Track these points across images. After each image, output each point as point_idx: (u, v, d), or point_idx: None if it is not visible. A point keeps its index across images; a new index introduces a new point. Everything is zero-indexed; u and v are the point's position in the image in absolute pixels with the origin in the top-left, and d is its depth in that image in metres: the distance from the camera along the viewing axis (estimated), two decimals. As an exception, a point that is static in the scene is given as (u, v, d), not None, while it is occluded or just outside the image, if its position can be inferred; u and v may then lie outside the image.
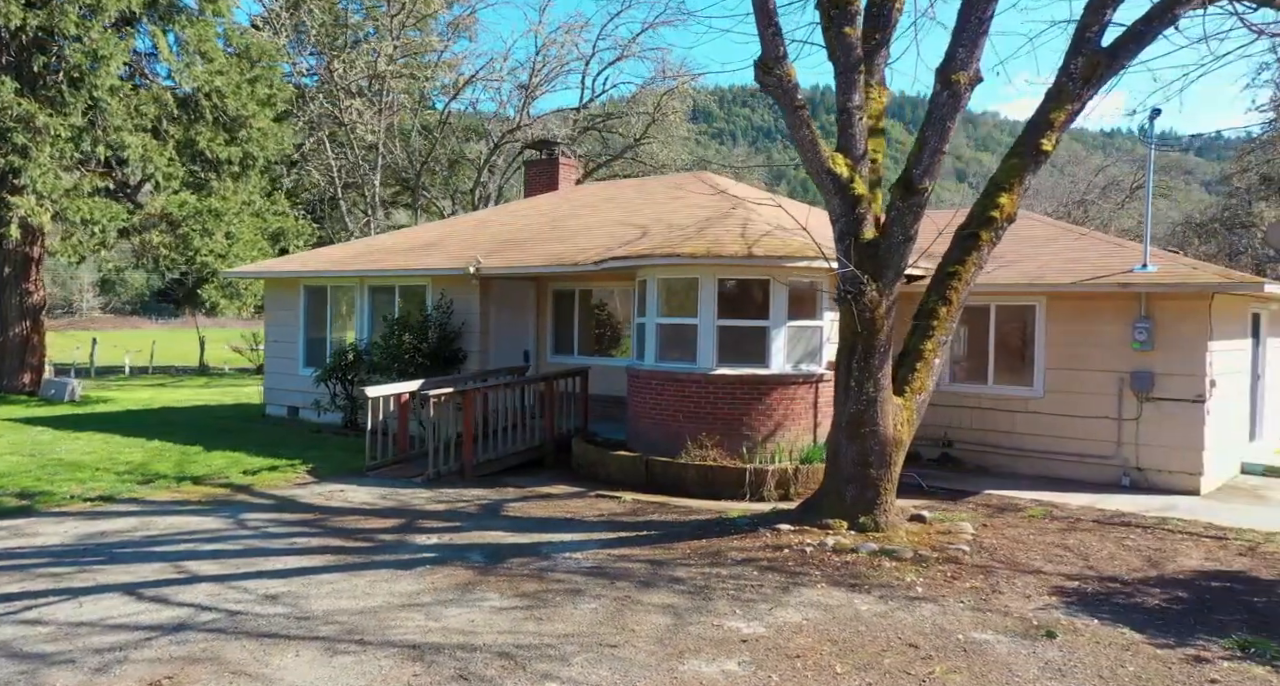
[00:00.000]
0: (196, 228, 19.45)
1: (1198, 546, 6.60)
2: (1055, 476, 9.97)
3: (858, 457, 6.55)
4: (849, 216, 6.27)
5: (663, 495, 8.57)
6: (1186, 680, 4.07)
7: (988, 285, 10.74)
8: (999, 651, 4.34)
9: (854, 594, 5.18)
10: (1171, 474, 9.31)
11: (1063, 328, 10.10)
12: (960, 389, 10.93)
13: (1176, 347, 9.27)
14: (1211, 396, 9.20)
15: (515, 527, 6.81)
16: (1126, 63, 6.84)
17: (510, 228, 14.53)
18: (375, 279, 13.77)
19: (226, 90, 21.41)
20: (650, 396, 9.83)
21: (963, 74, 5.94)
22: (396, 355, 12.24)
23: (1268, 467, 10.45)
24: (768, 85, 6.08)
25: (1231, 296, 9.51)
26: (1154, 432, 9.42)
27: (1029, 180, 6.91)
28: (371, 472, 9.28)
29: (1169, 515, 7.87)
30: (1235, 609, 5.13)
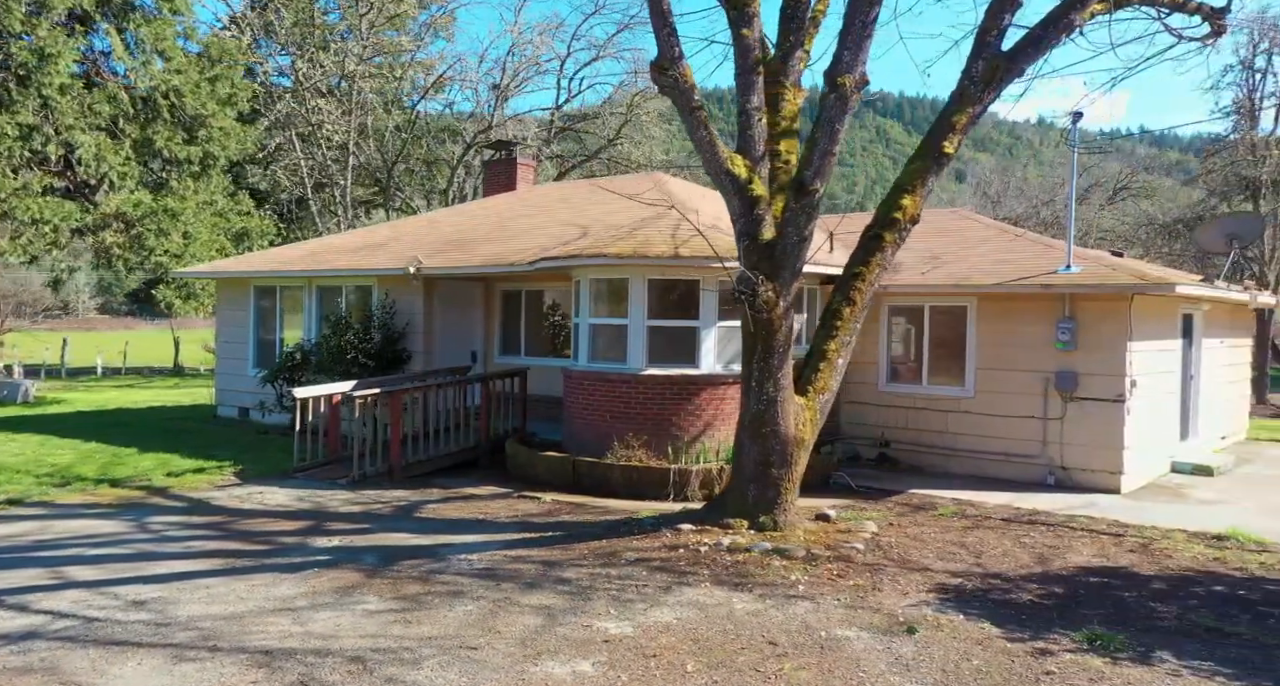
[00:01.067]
0: (152, 227, 19.29)
1: (1093, 543, 6.70)
2: (985, 475, 10.08)
3: (759, 457, 6.59)
4: (748, 217, 6.32)
5: (587, 496, 8.58)
6: (1025, 672, 4.14)
7: (921, 286, 10.85)
8: (855, 647, 4.39)
9: (735, 593, 5.22)
10: (1094, 472, 9.43)
11: (992, 328, 10.21)
12: (897, 389, 11.02)
13: (1098, 348, 9.39)
14: (1132, 396, 9.33)
15: (423, 529, 6.81)
16: (1026, 66, 6.93)
17: (460, 228, 14.51)
18: (322, 279, 13.71)
19: (185, 89, 21.26)
20: (582, 397, 9.84)
21: (848, 76, 6.00)
22: (339, 356, 12.20)
23: (1196, 466, 10.61)
24: (664, 85, 6.12)
25: (1155, 298, 9.65)
26: (1077, 432, 9.54)
27: (932, 182, 6.98)
28: (299, 474, 9.25)
29: (1079, 513, 7.98)
30: (1103, 603, 5.21)
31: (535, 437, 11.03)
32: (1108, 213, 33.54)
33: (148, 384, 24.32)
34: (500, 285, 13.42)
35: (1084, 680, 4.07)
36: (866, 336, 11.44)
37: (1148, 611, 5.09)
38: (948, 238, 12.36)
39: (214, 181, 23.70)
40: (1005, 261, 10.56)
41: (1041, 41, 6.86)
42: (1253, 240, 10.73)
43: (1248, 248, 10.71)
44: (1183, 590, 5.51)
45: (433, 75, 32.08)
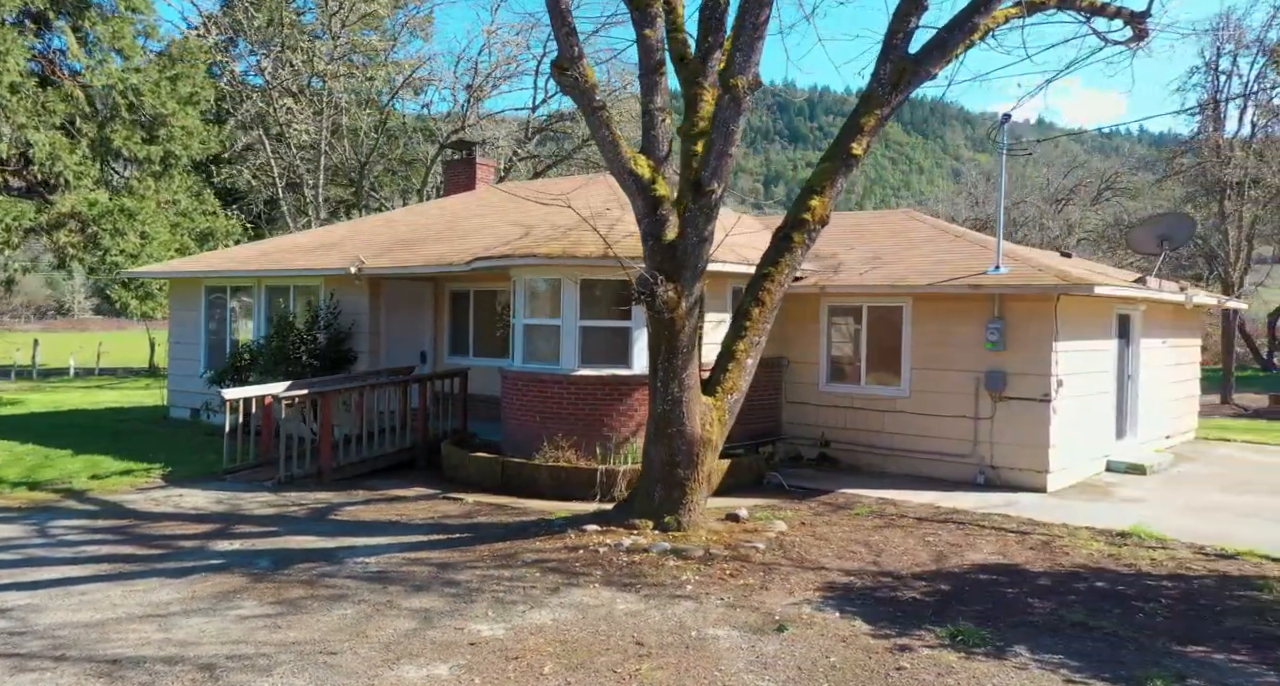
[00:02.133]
0: (108, 227, 19.11)
1: (998, 541, 6.76)
2: (920, 475, 10.15)
3: (665, 457, 6.61)
4: (652, 217, 6.34)
5: (515, 497, 8.58)
6: (878, 667, 4.18)
7: (858, 286, 10.92)
8: (721, 647, 4.41)
9: (622, 593, 5.23)
10: (1021, 471, 9.52)
11: (927, 328, 10.29)
12: (836, 389, 11.08)
13: (1025, 348, 9.48)
14: (1058, 395, 9.42)
15: (332, 532, 6.79)
16: (934, 69, 6.98)
17: (412, 227, 14.47)
18: (272, 279, 13.63)
19: (144, 88, 21.09)
20: (517, 397, 9.84)
21: (741, 78, 6.03)
22: (281, 356, 12.14)
23: (1130, 465, 10.73)
24: (564, 84, 6.13)
25: (1086, 298, 9.75)
26: (1006, 431, 9.62)
27: (841, 183, 7.02)
28: (228, 476, 9.19)
29: (996, 512, 8.05)
30: (984, 600, 5.27)
31: (475, 438, 11.01)
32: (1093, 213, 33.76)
33: (118, 384, 24.07)
34: (449, 285, 13.39)
35: (932, 675, 4.11)
36: (807, 336, 11.51)
37: (1024, 607, 5.15)
38: (894, 239, 12.45)
39: (177, 181, 23.51)
40: (942, 262, 10.65)
41: (947, 44, 6.92)
42: (1184, 242, 10.87)
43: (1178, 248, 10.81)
44: (1066, 586, 5.57)
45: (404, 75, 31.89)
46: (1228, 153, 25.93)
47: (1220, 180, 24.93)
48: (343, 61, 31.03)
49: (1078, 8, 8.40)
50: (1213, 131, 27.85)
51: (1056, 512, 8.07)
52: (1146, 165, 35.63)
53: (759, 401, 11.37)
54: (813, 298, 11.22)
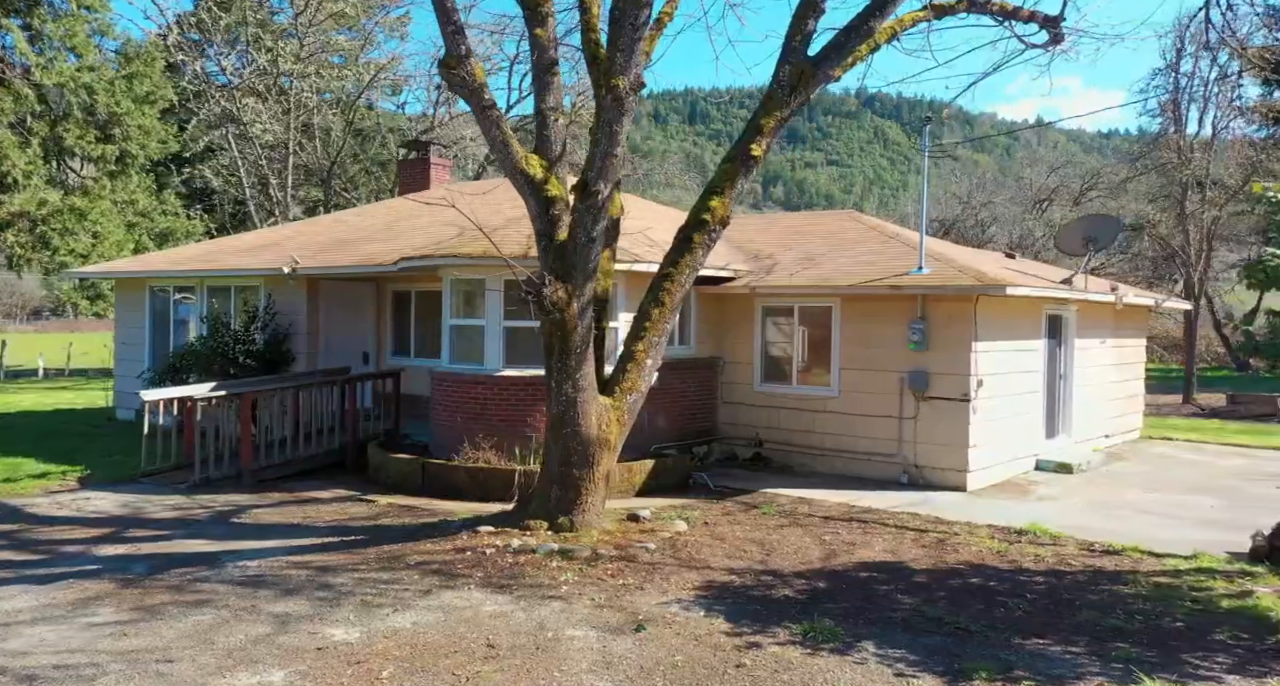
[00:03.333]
0: (57, 227, 18.89)
1: (895, 540, 6.82)
2: (848, 474, 10.21)
3: (561, 458, 6.62)
4: (544, 217, 6.34)
5: (432, 498, 8.56)
6: (719, 665, 4.21)
7: (789, 286, 10.98)
8: (573, 647, 4.42)
9: (494, 594, 5.23)
10: (943, 471, 9.60)
11: (855, 329, 10.35)
12: (770, 389, 11.13)
13: (946, 348, 9.56)
14: (978, 395, 9.51)
15: (228, 535, 6.74)
16: (832, 71, 7.04)
17: (355, 228, 14.41)
18: (213, 279, 13.53)
19: (97, 86, 20.86)
20: (445, 398, 9.82)
21: (622, 78, 6.05)
22: (217, 357, 12.05)
23: (1059, 464, 10.84)
24: (453, 83, 6.12)
25: (1013, 298, 9.83)
26: (929, 431, 9.70)
27: (741, 184, 7.06)
28: (145, 479, 9.12)
29: (908, 510, 8.12)
30: (854, 597, 5.32)
31: (408, 440, 10.98)
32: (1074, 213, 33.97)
33: (85, 385, 23.75)
34: (391, 286, 13.33)
35: (768, 671, 4.15)
36: (742, 337, 11.56)
37: (891, 604, 5.20)
38: (829, 240, 12.52)
39: (134, 181, 23.26)
40: (870, 262, 10.72)
41: (845, 47, 6.97)
42: (1109, 243, 10.99)
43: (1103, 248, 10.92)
44: (940, 583, 5.63)
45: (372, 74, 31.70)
46: (1188, 154, 26.31)
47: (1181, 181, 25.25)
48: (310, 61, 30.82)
49: (988, 11, 8.50)
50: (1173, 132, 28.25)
51: (967, 511, 8.15)
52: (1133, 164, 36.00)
53: (695, 401, 11.42)
54: (747, 298, 11.27)
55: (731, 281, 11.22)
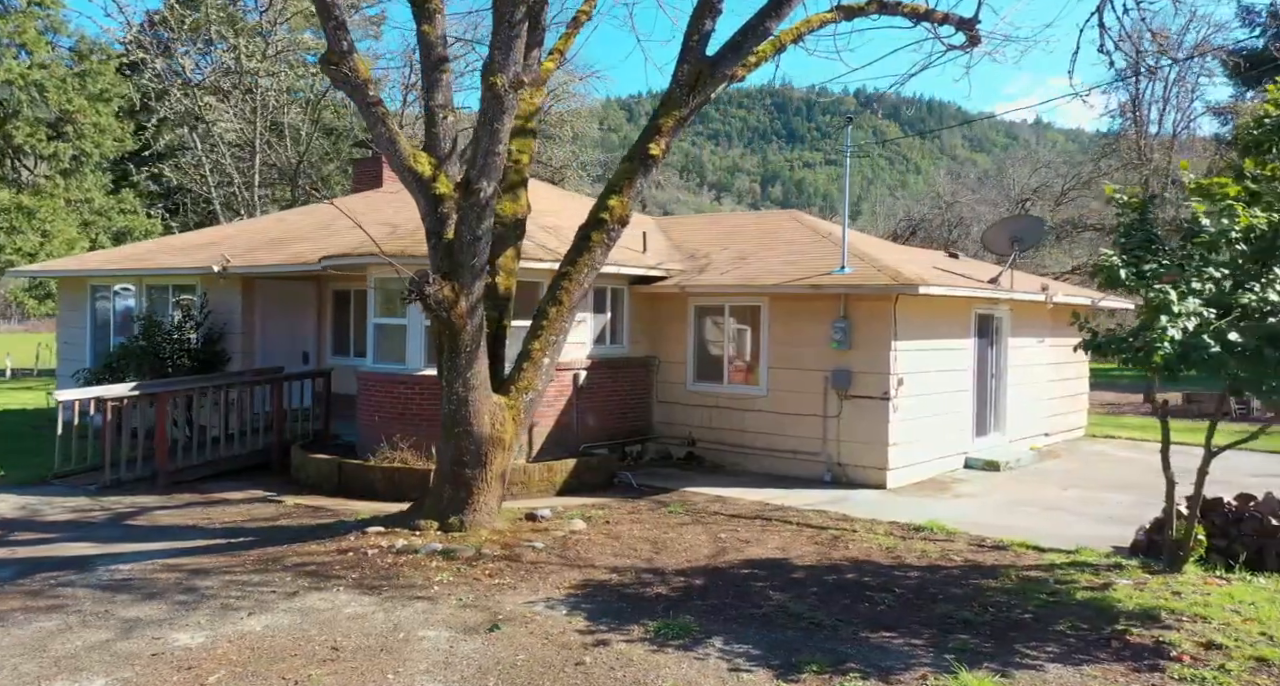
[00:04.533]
0: (3, 225, 18.64)
1: (792, 537, 6.85)
2: (776, 473, 10.25)
3: (453, 457, 6.61)
4: (433, 215, 6.33)
5: (347, 499, 8.51)
6: (561, 663, 4.22)
7: (719, 285, 11.02)
8: (419, 648, 4.41)
9: (361, 595, 5.20)
10: (864, 468, 9.67)
11: (782, 328, 10.40)
12: (702, 388, 11.16)
13: (867, 347, 9.63)
14: (899, 394, 9.58)
15: (115, 537, 6.66)
16: (730, 71, 7.07)
17: (294, 226, 14.32)
18: (151, 278, 13.40)
19: (48, 84, 20.61)
20: (368, 398, 9.78)
21: (500, 76, 6.04)
22: (151, 356, 11.94)
23: (987, 462, 10.94)
24: (336, 79, 6.10)
25: (939, 298, 9.91)
26: (851, 429, 9.77)
27: (640, 183, 7.08)
28: (56, 480, 9.01)
29: (818, 508, 8.17)
30: (727, 593, 5.35)
31: (339, 440, 10.91)
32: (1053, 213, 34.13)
33: (48, 386, 23.40)
34: (332, 285, 13.24)
35: (605, 669, 4.16)
36: (676, 336, 11.58)
37: (759, 600, 5.23)
38: (765, 239, 12.57)
39: (89, 179, 22.98)
40: (797, 262, 10.77)
41: (742, 48, 7.00)
42: (1034, 243, 11.09)
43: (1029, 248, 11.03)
44: (817, 578, 5.67)
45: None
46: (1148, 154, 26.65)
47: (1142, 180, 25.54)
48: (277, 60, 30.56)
49: (900, 13, 8.57)
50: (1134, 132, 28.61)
51: (878, 509, 8.20)
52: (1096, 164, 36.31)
53: (628, 401, 11.43)
54: (680, 297, 11.30)
55: (663, 281, 11.25)
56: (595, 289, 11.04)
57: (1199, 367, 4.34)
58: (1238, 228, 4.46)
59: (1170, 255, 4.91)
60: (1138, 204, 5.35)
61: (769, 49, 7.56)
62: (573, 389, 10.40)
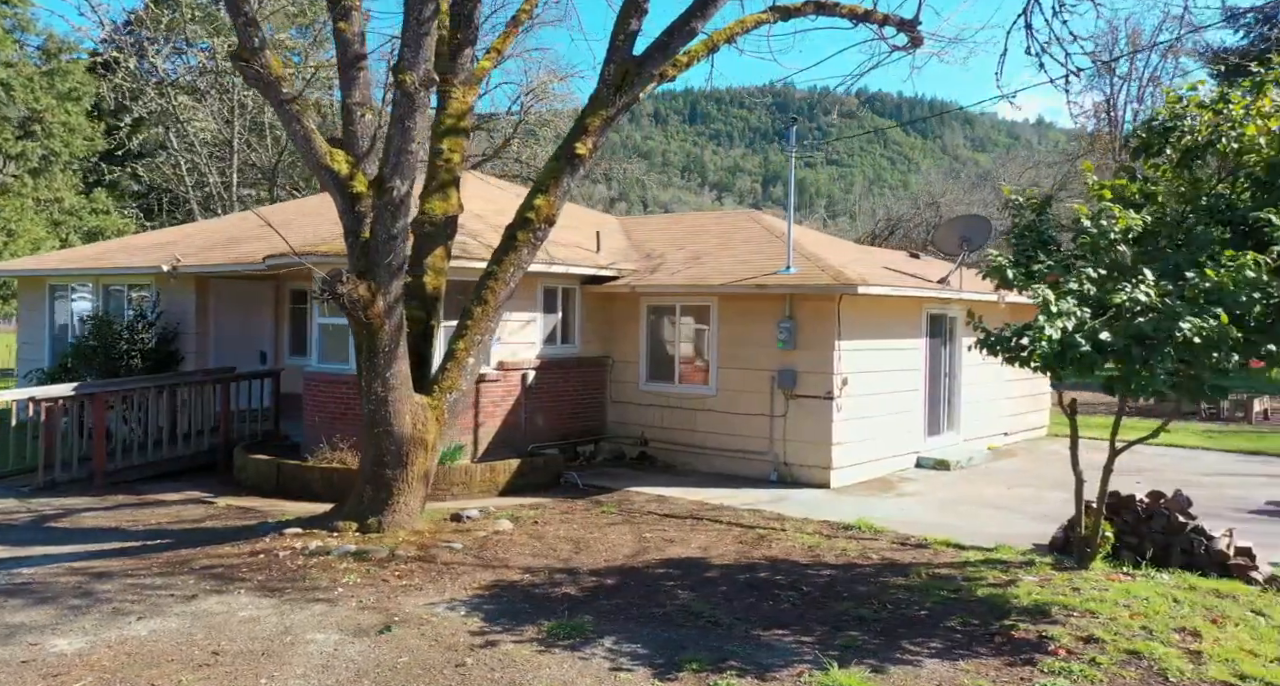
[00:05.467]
0: (-34, 225, 18.49)
1: (718, 536, 6.85)
2: (725, 472, 10.25)
3: (374, 458, 6.58)
4: (351, 214, 6.30)
5: (285, 499, 8.45)
6: (441, 664, 4.20)
7: (670, 285, 11.01)
8: (304, 651, 4.38)
9: (261, 598, 5.15)
10: (809, 468, 9.67)
11: (731, 328, 10.41)
12: (654, 388, 11.15)
13: (812, 347, 9.64)
14: (843, 394, 9.59)
15: (30, 540, 6.59)
16: (657, 70, 7.06)
17: (254, 224, 14.22)
18: (108, 277, 13.32)
19: (15, 83, 20.45)
20: (311, 398, 9.73)
21: (410, 74, 6.02)
22: (104, 356, 11.88)
23: (938, 461, 10.97)
24: (248, 76, 6.07)
25: (878, 297, 9.92)
26: (797, 428, 9.78)
27: (567, 183, 7.06)
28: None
29: (754, 508, 8.17)
30: (635, 592, 5.35)
31: (289, 440, 10.85)
32: None
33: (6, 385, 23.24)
34: (289, 285, 13.17)
35: (485, 670, 4.14)
36: (629, 336, 11.57)
37: (666, 599, 5.22)
38: (721, 239, 12.57)
39: (59, 179, 22.81)
40: (747, 262, 10.78)
41: (668, 47, 7.00)
42: (983, 243, 11.15)
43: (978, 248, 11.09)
44: (729, 577, 5.67)
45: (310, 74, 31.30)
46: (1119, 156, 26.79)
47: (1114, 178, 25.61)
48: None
49: (838, 14, 8.58)
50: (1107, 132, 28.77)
51: (815, 508, 8.21)
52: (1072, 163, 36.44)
53: (579, 401, 11.41)
54: (633, 298, 11.29)
55: (615, 280, 11.24)
56: (546, 289, 11.04)
57: (1074, 366, 4.36)
58: (1116, 229, 4.49)
59: (1063, 256, 4.93)
60: (1036, 204, 5.37)
61: (701, 49, 7.57)
62: (521, 389, 10.38)
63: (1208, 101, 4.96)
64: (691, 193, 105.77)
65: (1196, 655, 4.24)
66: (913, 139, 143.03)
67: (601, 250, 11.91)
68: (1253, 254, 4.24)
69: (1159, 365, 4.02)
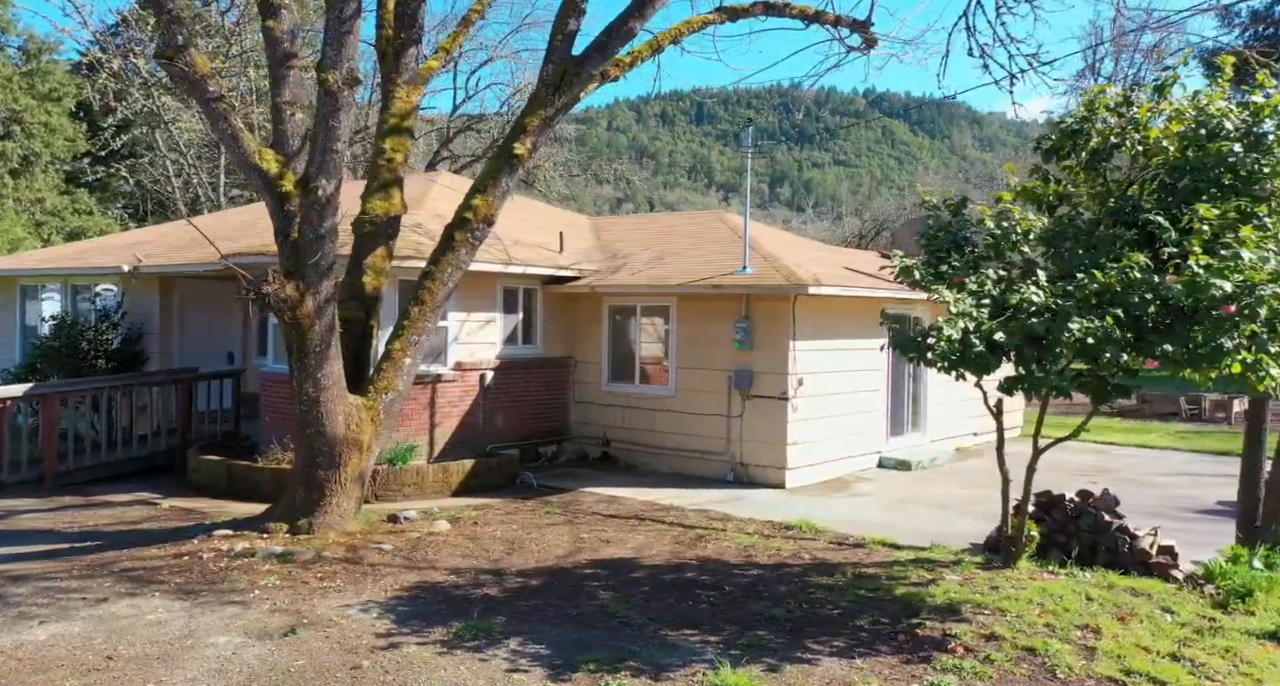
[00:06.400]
0: (-58, 225, 18.49)
1: (656, 536, 6.83)
2: (684, 473, 10.23)
3: (307, 459, 6.56)
4: (281, 214, 6.28)
5: (234, 500, 8.43)
6: (337, 667, 4.18)
7: (630, 286, 10.99)
8: (202, 654, 4.35)
9: (173, 601, 5.10)
10: (765, 468, 9.66)
11: (690, 328, 10.39)
12: (616, 389, 11.13)
13: (768, 347, 9.63)
14: (798, 394, 9.57)
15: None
16: (596, 71, 7.04)
17: (231, 224, 14.22)
18: (77, 278, 13.31)
19: (-8, 83, 20.38)
20: (267, 399, 9.73)
21: (333, 72, 6.00)
22: (69, 356, 11.87)
23: (899, 462, 10.96)
24: (173, 74, 6.05)
25: (838, 298, 9.90)
26: (753, 428, 9.76)
27: (506, 182, 7.05)
28: (-57, 482, 8.89)
29: (701, 508, 8.15)
30: (557, 594, 5.34)
31: (248, 441, 10.83)
32: None
33: None
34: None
35: (378, 672, 4.13)
36: (591, 336, 11.55)
37: (587, 599, 5.21)
38: (689, 240, 12.55)
39: (39, 179, 22.80)
40: (708, 262, 10.76)
41: (607, 48, 6.99)
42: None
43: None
44: (656, 578, 5.66)
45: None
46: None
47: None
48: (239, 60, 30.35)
49: (788, 14, 8.57)
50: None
51: (764, 508, 8.19)
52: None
53: (541, 401, 11.39)
54: (595, 298, 11.27)
55: (575, 281, 11.21)
56: (505, 289, 11.02)
57: (971, 366, 4.35)
58: (1018, 230, 4.47)
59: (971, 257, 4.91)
60: (953, 205, 5.36)
61: (645, 49, 7.56)
62: (479, 389, 10.36)
63: (1113, 104, 4.95)
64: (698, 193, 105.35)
65: (1091, 651, 4.23)
66: (920, 139, 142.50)
67: (565, 250, 11.89)
68: (1137, 255, 4.23)
69: (1052, 365, 4.00)
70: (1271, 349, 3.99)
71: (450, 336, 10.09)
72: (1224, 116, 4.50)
